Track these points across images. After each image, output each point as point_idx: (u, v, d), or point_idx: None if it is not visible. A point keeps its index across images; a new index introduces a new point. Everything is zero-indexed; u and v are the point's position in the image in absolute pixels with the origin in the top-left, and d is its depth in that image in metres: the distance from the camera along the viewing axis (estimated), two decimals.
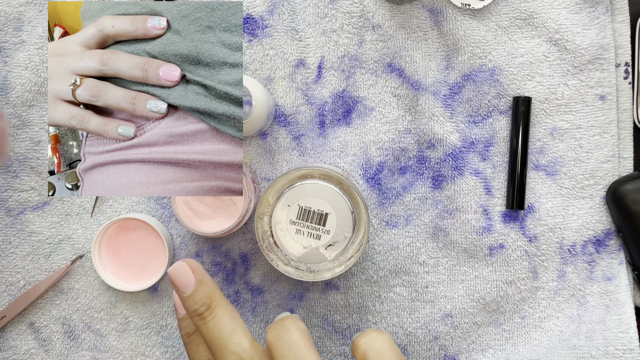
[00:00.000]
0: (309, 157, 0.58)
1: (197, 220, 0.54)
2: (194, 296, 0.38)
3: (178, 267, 0.38)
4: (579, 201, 0.58)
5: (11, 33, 0.57)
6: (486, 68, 0.57)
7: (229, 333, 0.37)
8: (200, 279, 0.38)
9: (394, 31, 0.57)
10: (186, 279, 0.38)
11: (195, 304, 0.38)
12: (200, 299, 0.38)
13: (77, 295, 0.59)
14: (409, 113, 0.58)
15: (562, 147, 0.58)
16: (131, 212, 0.58)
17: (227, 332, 0.37)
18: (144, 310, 0.59)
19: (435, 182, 0.58)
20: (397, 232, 0.58)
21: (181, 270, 0.38)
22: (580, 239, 0.58)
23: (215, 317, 0.38)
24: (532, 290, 0.58)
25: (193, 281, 0.38)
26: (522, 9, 0.57)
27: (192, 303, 0.38)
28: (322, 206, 0.50)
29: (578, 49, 0.56)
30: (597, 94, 0.57)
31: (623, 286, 0.57)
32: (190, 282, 0.38)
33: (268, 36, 0.57)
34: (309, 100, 0.57)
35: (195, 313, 0.38)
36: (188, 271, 0.38)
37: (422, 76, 0.57)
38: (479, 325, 0.58)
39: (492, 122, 0.58)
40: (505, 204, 0.58)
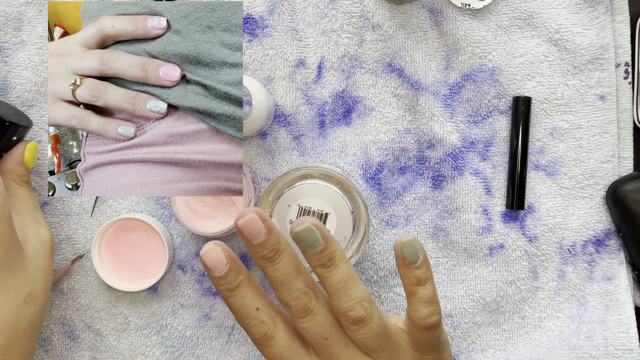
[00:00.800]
0: (309, 157, 0.58)
1: (197, 220, 0.54)
2: (265, 244, 0.41)
3: (250, 219, 0.41)
4: (579, 201, 0.58)
5: (11, 33, 0.57)
6: (486, 68, 0.57)
7: (295, 273, 0.42)
8: (269, 228, 0.41)
9: (394, 31, 0.57)
10: (257, 228, 0.41)
11: (265, 250, 0.41)
12: (271, 246, 0.41)
13: (77, 295, 0.59)
14: (409, 113, 0.58)
15: (562, 147, 0.58)
16: (131, 212, 0.58)
17: (294, 272, 0.42)
18: (144, 310, 0.59)
19: (435, 182, 0.58)
20: (397, 232, 0.58)
21: (253, 221, 0.41)
22: (580, 239, 0.58)
23: (284, 259, 0.41)
24: (532, 290, 0.58)
25: (264, 230, 0.41)
26: (522, 9, 0.57)
27: (262, 249, 0.41)
28: (322, 206, 0.50)
29: (578, 49, 0.56)
30: (597, 94, 0.57)
31: (623, 286, 0.57)
32: (261, 231, 0.41)
33: (268, 36, 0.57)
34: (309, 100, 0.57)
35: (264, 258, 0.41)
36: (259, 221, 0.41)
37: (422, 76, 0.57)
38: (479, 325, 0.58)
39: (492, 122, 0.58)
40: (505, 204, 0.58)
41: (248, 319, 0.42)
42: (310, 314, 0.42)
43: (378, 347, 0.43)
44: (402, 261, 0.43)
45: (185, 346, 0.59)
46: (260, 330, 0.42)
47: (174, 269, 0.58)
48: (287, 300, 0.42)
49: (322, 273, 0.42)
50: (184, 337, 0.59)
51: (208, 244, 0.42)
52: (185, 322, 0.59)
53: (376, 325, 0.42)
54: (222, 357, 0.59)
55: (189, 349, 0.59)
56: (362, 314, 0.41)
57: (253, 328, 0.42)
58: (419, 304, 0.43)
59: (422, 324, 0.43)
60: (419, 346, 0.44)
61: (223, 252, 0.42)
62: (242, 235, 0.41)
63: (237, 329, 0.59)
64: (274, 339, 0.42)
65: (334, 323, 0.43)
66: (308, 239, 0.41)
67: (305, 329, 0.43)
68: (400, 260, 0.43)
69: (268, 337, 0.42)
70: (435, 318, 0.43)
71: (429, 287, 0.43)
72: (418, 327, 0.43)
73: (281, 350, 0.43)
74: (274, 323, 0.43)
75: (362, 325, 0.42)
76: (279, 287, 0.42)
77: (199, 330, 0.59)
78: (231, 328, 0.59)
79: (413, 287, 0.43)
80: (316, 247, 0.41)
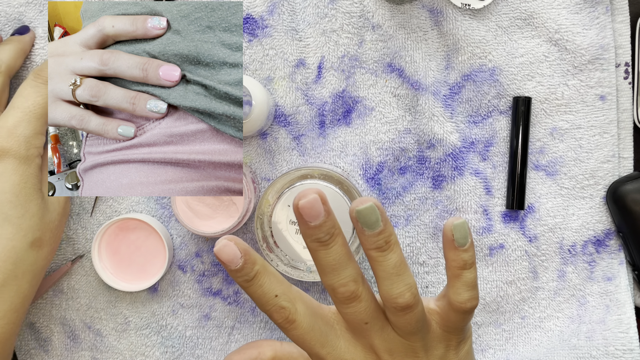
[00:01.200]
0: (309, 157, 0.58)
1: (197, 220, 0.54)
2: (322, 226, 0.41)
3: (313, 200, 0.41)
4: (579, 201, 0.58)
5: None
6: (486, 68, 0.57)
7: (347, 259, 0.42)
8: (328, 210, 0.41)
9: (394, 31, 0.57)
10: (318, 209, 0.41)
11: (322, 232, 0.41)
12: (327, 229, 0.41)
13: (77, 295, 0.59)
14: (409, 113, 0.58)
15: (562, 147, 0.58)
16: (131, 212, 0.58)
17: (346, 258, 0.42)
18: (143, 310, 0.59)
19: (435, 182, 0.58)
20: (397, 232, 0.58)
21: (315, 203, 0.41)
22: (580, 239, 0.58)
23: (338, 243, 0.41)
24: (532, 290, 0.58)
25: (323, 212, 0.41)
26: (522, 9, 0.57)
27: (319, 232, 0.41)
28: None
29: (578, 49, 0.56)
30: (597, 94, 0.57)
31: (623, 286, 0.57)
32: (321, 213, 0.41)
33: (268, 36, 0.57)
34: (309, 100, 0.57)
35: (319, 241, 0.41)
36: (320, 202, 0.41)
37: (422, 76, 0.57)
38: (479, 325, 0.58)
39: (492, 122, 0.58)
40: (505, 204, 0.58)
41: (268, 305, 0.43)
42: (357, 300, 0.42)
43: (415, 331, 0.43)
44: (451, 243, 0.43)
45: (185, 346, 0.59)
46: (282, 315, 0.43)
47: (173, 269, 0.58)
48: (335, 286, 0.42)
49: (376, 256, 0.42)
50: (184, 337, 0.59)
51: (221, 240, 0.42)
52: (185, 322, 0.59)
53: (420, 312, 0.43)
54: (222, 357, 0.59)
55: (189, 349, 0.59)
56: (412, 301, 0.42)
57: (274, 314, 0.43)
58: (462, 287, 0.44)
59: (462, 307, 0.43)
60: (450, 327, 0.45)
61: (236, 246, 0.42)
62: (299, 216, 0.41)
63: (237, 329, 0.59)
64: (296, 322, 0.43)
65: (376, 308, 0.43)
66: (370, 218, 0.41)
67: (348, 314, 0.43)
68: (449, 243, 0.43)
69: (290, 321, 0.43)
70: (475, 303, 0.44)
71: (473, 271, 0.44)
72: (456, 309, 0.44)
73: (304, 332, 0.43)
74: (294, 307, 0.43)
75: (409, 312, 0.42)
76: (329, 272, 0.42)
77: (199, 330, 0.59)
78: (231, 328, 0.59)
79: (459, 270, 0.43)
80: (376, 227, 0.41)
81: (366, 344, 0.44)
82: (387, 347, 0.43)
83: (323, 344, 0.43)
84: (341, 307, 0.43)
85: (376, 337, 0.43)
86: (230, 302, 0.59)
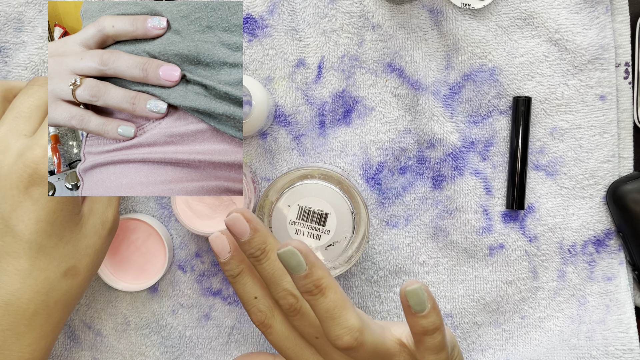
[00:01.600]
0: (309, 157, 0.58)
1: (197, 220, 0.54)
2: (251, 242, 0.43)
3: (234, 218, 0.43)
4: (579, 201, 0.58)
5: (11, 33, 0.57)
6: (486, 68, 0.57)
7: (282, 274, 0.44)
8: (255, 228, 0.44)
9: (394, 31, 0.57)
10: (242, 227, 0.43)
11: (252, 248, 0.43)
12: (256, 245, 0.43)
13: None
14: (409, 113, 0.58)
15: (562, 147, 0.58)
16: (131, 212, 0.58)
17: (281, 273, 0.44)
18: (143, 310, 0.59)
19: (435, 182, 0.58)
20: (397, 232, 0.58)
21: (237, 221, 0.43)
22: (580, 239, 0.58)
23: (270, 259, 0.44)
24: (532, 290, 0.58)
25: (248, 229, 0.43)
26: (522, 9, 0.57)
27: (249, 247, 0.43)
28: (322, 206, 0.50)
29: (578, 49, 0.56)
30: (597, 94, 0.57)
31: (623, 286, 0.57)
32: (246, 230, 0.43)
33: (268, 36, 0.57)
34: (309, 100, 0.57)
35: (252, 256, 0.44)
36: (243, 221, 0.43)
37: (422, 76, 0.57)
38: (479, 325, 0.58)
39: (492, 122, 0.58)
40: (505, 204, 0.58)
41: (248, 305, 0.45)
42: (299, 314, 0.43)
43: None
44: (407, 309, 0.41)
45: (185, 346, 0.59)
46: (258, 318, 0.45)
47: (173, 269, 0.58)
48: (276, 299, 0.44)
49: (308, 299, 0.42)
50: (183, 337, 0.59)
51: (217, 231, 0.45)
52: (185, 322, 0.59)
53: (367, 351, 0.42)
54: (222, 357, 0.59)
55: (189, 349, 0.59)
56: (351, 343, 0.41)
57: (252, 315, 0.45)
58: (426, 352, 0.42)
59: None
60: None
61: (228, 240, 0.44)
62: (231, 232, 0.43)
63: (236, 329, 0.59)
64: (272, 328, 0.45)
65: None
66: (289, 262, 0.41)
67: (296, 326, 0.44)
68: (406, 308, 0.41)
69: (266, 325, 0.45)
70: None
71: (437, 336, 0.42)
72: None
73: (279, 339, 0.45)
74: (271, 313, 0.45)
75: (352, 351, 0.42)
76: (269, 284, 0.44)
77: (199, 330, 0.59)
78: (231, 328, 0.59)
79: (420, 336, 0.42)
80: (299, 271, 0.41)
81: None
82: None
83: (298, 355, 0.44)
84: (289, 319, 0.44)
85: (335, 354, 0.44)
86: (230, 302, 0.59)
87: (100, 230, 0.49)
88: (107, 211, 0.50)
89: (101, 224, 0.49)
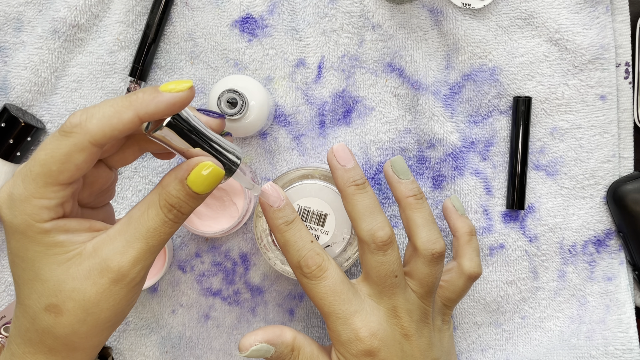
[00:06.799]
0: (309, 157, 0.58)
1: (197, 220, 0.54)
2: (355, 169, 0.45)
3: (340, 147, 0.45)
4: (579, 201, 0.58)
5: (11, 33, 0.57)
6: (486, 68, 0.57)
7: (379, 206, 0.45)
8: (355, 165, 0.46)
9: (394, 31, 0.57)
10: (348, 155, 0.45)
11: (356, 175, 0.45)
12: (360, 174, 0.45)
13: None
14: (409, 113, 0.58)
15: (563, 147, 0.57)
16: None
17: (378, 205, 0.45)
18: (143, 310, 0.59)
19: (435, 182, 0.58)
20: (397, 232, 0.58)
21: (345, 149, 0.45)
22: (580, 239, 0.58)
23: (370, 190, 0.45)
24: (532, 290, 0.58)
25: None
26: (522, 9, 0.57)
27: (354, 174, 0.45)
28: (321, 206, 0.50)
29: (578, 49, 0.56)
30: (598, 94, 0.57)
31: (623, 286, 0.57)
32: (350, 159, 0.45)
33: (268, 36, 0.57)
34: (309, 100, 0.57)
35: (355, 184, 0.45)
36: (348, 151, 0.46)
37: (422, 76, 0.57)
38: (479, 325, 0.58)
39: (492, 122, 0.58)
40: (506, 204, 0.58)
41: (304, 250, 0.43)
42: (392, 246, 0.44)
43: (433, 289, 0.46)
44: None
45: (185, 346, 0.59)
46: (316, 261, 0.43)
47: (173, 269, 0.58)
48: (374, 230, 0.44)
49: (414, 204, 0.47)
50: (184, 337, 0.59)
51: (265, 185, 0.44)
52: (185, 322, 0.59)
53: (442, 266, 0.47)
54: (222, 357, 0.59)
55: (189, 349, 0.59)
56: (443, 250, 0.46)
57: (309, 259, 0.43)
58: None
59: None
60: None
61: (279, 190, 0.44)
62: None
63: (236, 329, 0.59)
64: (328, 271, 0.43)
65: (402, 264, 0.45)
66: (403, 166, 0.47)
67: (384, 262, 0.44)
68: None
69: (323, 269, 0.43)
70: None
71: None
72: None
73: (334, 283, 0.43)
74: (327, 256, 0.44)
75: (440, 260, 0.45)
76: (367, 215, 0.44)
77: (199, 330, 0.59)
78: (231, 328, 0.59)
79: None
80: (409, 176, 0.47)
81: (388, 306, 0.44)
82: (407, 308, 0.44)
83: (350, 300, 0.43)
84: (377, 255, 0.44)
85: (400, 296, 0.44)
86: (230, 302, 0.59)
87: (96, 277, 0.37)
88: (115, 257, 0.38)
89: (99, 271, 0.38)
